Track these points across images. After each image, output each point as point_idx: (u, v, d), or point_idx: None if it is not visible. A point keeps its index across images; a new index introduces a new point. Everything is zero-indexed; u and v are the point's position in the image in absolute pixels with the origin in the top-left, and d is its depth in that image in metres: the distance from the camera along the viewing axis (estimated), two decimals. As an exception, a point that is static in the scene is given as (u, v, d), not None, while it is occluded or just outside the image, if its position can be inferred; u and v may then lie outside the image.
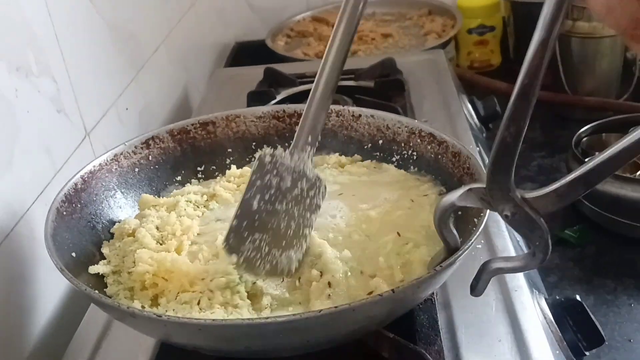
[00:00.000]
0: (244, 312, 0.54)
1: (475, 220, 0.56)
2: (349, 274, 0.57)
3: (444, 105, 1.08)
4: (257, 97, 1.15)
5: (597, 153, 0.42)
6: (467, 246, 0.51)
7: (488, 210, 0.51)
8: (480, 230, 0.53)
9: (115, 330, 0.68)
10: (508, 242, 0.74)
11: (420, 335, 0.60)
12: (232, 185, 0.73)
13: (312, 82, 1.18)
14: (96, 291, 0.53)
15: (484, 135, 1.15)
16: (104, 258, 0.63)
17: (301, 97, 1.15)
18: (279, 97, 1.16)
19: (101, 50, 0.99)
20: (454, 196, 0.48)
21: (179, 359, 0.60)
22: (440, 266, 0.50)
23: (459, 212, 0.58)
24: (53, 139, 0.81)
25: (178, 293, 0.56)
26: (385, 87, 1.13)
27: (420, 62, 1.26)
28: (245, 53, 1.59)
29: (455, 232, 0.53)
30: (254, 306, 0.56)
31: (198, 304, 0.54)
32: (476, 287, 0.52)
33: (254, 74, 1.27)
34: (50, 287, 0.76)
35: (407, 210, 0.65)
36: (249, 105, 1.14)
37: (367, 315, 0.49)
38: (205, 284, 0.56)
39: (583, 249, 1.08)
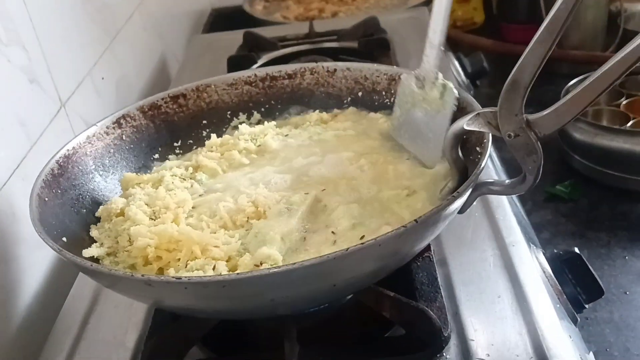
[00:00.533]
0: None
1: (478, 148, 0.55)
2: (355, 226, 0.55)
3: (431, 63, 1.06)
4: (237, 62, 1.11)
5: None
6: (479, 168, 0.50)
7: (491, 135, 0.53)
8: (488, 152, 0.52)
9: (102, 305, 0.66)
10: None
11: (421, 293, 0.59)
12: (215, 154, 0.71)
13: (294, 45, 1.19)
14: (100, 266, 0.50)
15: (472, 92, 1.12)
16: (94, 241, 0.60)
17: (284, 61, 1.12)
18: (260, 62, 1.13)
19: (72, 18, 0.95)
20: (463, 121, 0.50)
21: (171, 332, 0.59)
22: (458, 192, 0.49)
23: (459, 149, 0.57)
24: (27, 110, 0.77)
25: (187, 262, 0.54)
26: (369, 47, 1.10)
27: (404, 21, 1.23)
28: (223, 19, 1.55)
29: (462, 158, 0.54)
30: None
31: (213, 269, 0.52)
32: (462, 206, 0.53)
33: (233, 39, 1.23)
34: (34, 265, 0.73)
35: (404, 161, 0.64)
36: (229, 71, 1.11)
37: (393, 249, 0.47)
38: (222, 251, 0.54)
39: (575, 203, 1.07)
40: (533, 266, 0.64)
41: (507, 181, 0.52)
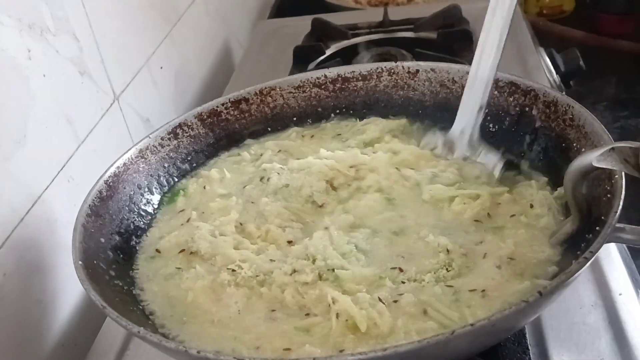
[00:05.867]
0: None
1: (607, 186, 0.45)
2: None
3: (520, 60, 0.94)
4: (304, 52, 1.04)
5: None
6: (613, 217, 0.41)
7: (624, 174, 0.43)
8: (622, 194, 0.43)
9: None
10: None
11: (504, 353, 0.49)
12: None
13: (365, 34, 1.10)
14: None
15: (563, 94, 1.00)
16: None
17: (354, 51, 1.03)
18: (328, 52, 1.05)
19: (130, 3, 0.88)
20: (591, 155, 0.42)
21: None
22: (590, 252, 0.39)
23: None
24: (75, 105, 0.72)
25: None
26: (449, 39, 1.00)
27: (489, 10, 1.11)
28: (291, 3, 1.46)
29: (587, 198, 0.45)
30: None
31: None
32: None
33: (301, 25, 1.15)
34: (72, 277, 0.68)
35: None
36: (295, 61, 1.03)
37: (508, 327, 0.41)
38: None
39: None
40: (643, 322, 0.53)
41: None
